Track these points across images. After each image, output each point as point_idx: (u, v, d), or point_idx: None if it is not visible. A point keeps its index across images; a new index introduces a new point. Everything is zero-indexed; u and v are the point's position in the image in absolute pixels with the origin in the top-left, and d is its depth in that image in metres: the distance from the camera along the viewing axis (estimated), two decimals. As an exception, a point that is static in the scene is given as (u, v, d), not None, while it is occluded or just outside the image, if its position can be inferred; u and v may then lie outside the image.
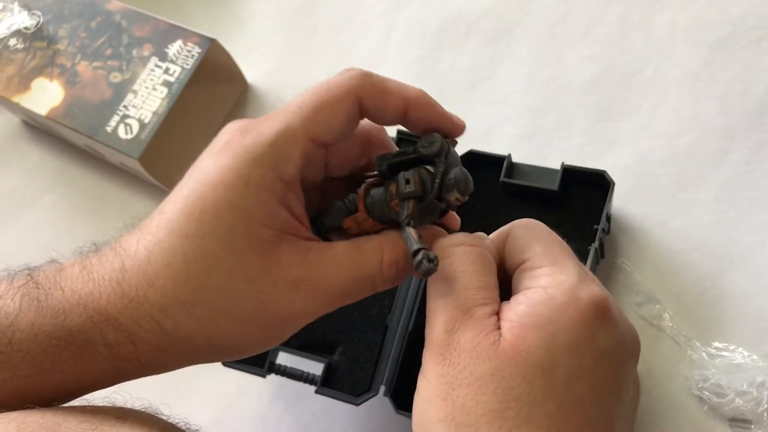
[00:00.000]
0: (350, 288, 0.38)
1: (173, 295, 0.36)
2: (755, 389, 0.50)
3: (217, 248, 0.36)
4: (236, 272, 0.36)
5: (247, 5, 0.79)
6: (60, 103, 0.69)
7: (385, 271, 0.38)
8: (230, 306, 0.36)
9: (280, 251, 0.36)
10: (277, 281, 0.36)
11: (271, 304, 0.36)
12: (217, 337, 0.37)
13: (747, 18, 0.63)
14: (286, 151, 0.37)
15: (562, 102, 0.65)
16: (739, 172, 0.59)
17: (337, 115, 0.38)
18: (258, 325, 0.37)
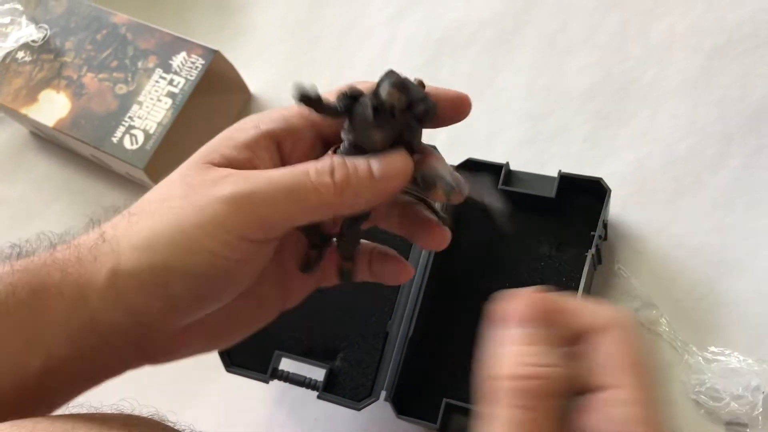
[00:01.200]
0: (282, 177, 0.36)
1: (127, 210, 0.39)
2: (750, 393, 0.50)
3: (174, 173, 0.39)
4: (176, 181, 0.38)
5: (250, 16, 0.80)
6: (67, 114, 0.70)
7: (319, 164, 0.37)
8: (161, 205, 0.37)
9: (220, 169, 0.38)
10: (206, 178, 0.37)
11: (193, 194, 0.37)
12: (156, 239, 0.36)
13: (744, 25, 0.64)
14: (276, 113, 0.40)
15: (562, 109, 0.66)
16: (737, 178, 0.59)
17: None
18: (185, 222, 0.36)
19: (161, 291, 0.37)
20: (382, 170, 0.37)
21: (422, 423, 0.53)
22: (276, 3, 0.80)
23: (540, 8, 0.71)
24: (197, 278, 0.37)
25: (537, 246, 0.57)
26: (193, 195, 0.36)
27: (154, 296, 0.37)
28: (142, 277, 0.36)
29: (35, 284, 0.37)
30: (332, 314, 0.58)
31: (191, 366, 0.63)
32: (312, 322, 0.58)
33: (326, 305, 0.59)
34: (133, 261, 0.36)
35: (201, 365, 0.62)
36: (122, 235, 0.37)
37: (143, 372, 0.54)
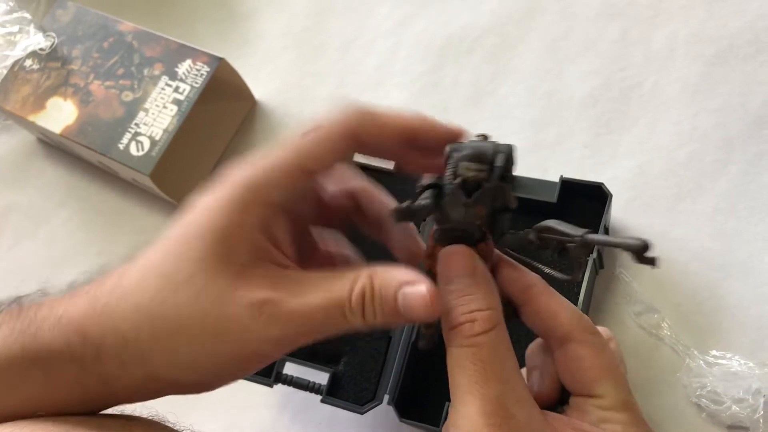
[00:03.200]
0: (319, 315, 0.35)
1: (140, 307, 0.35)
2: (751, 396, 0.50)
3: (191, 266, 0.35)
4: (203, 290, 0.35)
5: (256, 24, 0.81)
6: (74, 121, 0.71)
7: (353, 300, 0.35)
8: (189, 321, 0.35)
9: (252, 274, 0.35)
10: (241, 301, 0.35)
11: (231, 324, 0.35)
12: (175, 357, 0.36)
13: (744, 32, 0.64)
14: (273, 176, 0.36)
15: (564, 116, 0.67)
16: (738, 184, 0.59)
17: (332, 153, 0.37)
18: (215, 347, 0.35)
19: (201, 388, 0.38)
20: (406, 309, 0.36)
21: (425, 427, 0.53)
22: (281, 12, 0.81)
23: (542, 16, 0.71)
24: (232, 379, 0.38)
25: (538, 250, 0.58)
26: (234, 322, 0.35)
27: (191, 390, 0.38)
28: (180, 384, 0.37)
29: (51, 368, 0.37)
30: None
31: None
32: (315, 327, 0.59)
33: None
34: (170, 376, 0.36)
35: (205, 369, 0.63)
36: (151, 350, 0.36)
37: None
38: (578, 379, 0.37)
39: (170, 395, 0.39)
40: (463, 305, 0.36)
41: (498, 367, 0.35)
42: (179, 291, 0.35)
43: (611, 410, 0.36)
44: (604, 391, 0.36)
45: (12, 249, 0.77)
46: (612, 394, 0.36)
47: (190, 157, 0.70)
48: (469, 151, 0.36)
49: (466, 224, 0.38)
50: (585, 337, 0.37)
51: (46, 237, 0.78)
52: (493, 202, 0.37)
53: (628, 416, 0.36)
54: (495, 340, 0.36)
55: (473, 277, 0.37)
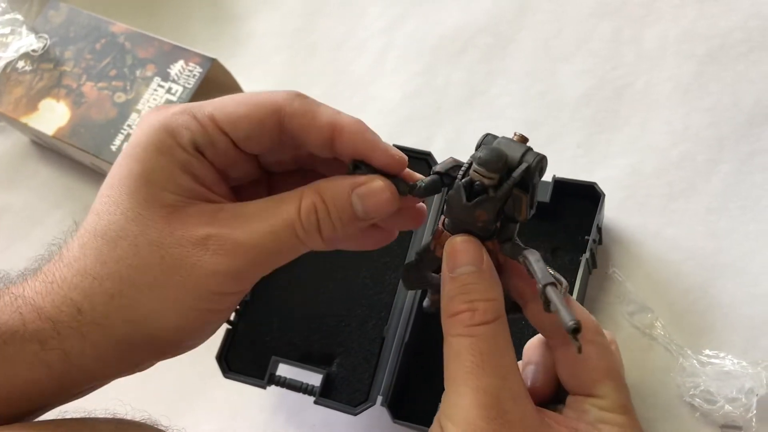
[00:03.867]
0: (269, 241, 0.34)
1: (85, 271, 0.34)
2: (744, 395, 0.50)
3: (121, 218, 0.34)
4: (139, 238, 0.34)
5: (248, 26, 0.81)
6: (66, 123, 0.71)
7: (303, 218, 0.35)
8: (136, 274, 0.34)
9: (185, 213, 0.35)
10: (182, 241, 0.34)
11: (179, 267, 0.34)
12: (132, 312, 0.35)
13: (735, 31, 0.64)
14: (184, 120, 0.35)
15: (556, 115, 0.67)
16: (730, 183, 0.59)
17: (250, 114, 0.35)
18: (171, 295, 0.34)
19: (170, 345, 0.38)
20: (366, 209, 0.36)
21: (418, 428, 0.53)
22: (273, 12, 0.80)
23: (534, 15, 0.71)
24: (201, 328, 0.37)
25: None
26: (178, 262, 0.34)
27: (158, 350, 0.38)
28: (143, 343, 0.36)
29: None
30: (329, 320, 0.59)
31: (189, 372, 0.64)
32: (309, 328, 0.59)
33: (323, 311, 0.59)
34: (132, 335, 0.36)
35: (198, 372, 0.63)
36: (107, 312, 0.35)
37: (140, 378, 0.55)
38: (580, 378, 0.37)
39: (152, 361, 0.38)
40: (465, 294, 0.35)
41: (496, 360, 0.35)
42: (117, 246, 0.34)
43: (610, 412, 0.36)
44: (605, 393, 0.36)
45: (6, 250, 0.77)
46: (612, 396, 0.36)
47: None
48: (487, 153, 0.35)
49: (467, 223, 0.37)
50: (592, 336, 0.37)
51: (40, 238, 0.77)
52: (504, 208, 0.36)
53: (626, 420, 0.36)
54: (495, 331, 0.35)
55: (479, 267, 0.36)
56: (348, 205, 0.35)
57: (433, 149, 0.61)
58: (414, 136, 0.70)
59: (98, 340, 0.35)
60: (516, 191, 0.35)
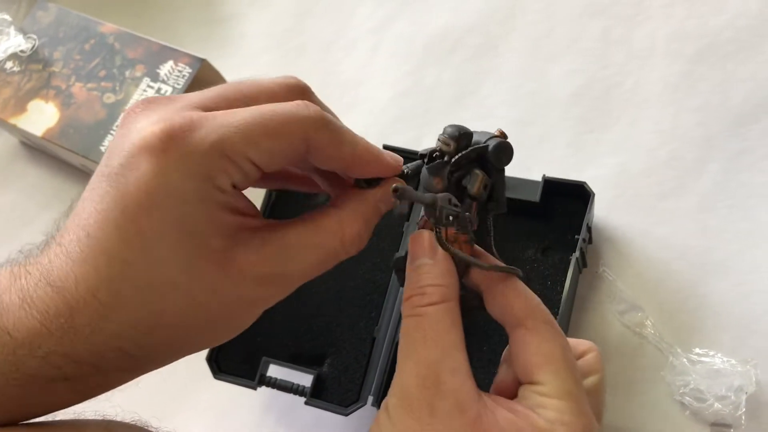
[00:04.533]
0: (315, 269, 0.37)
1: (130, 322, 0.34)
2: (734, 393, 0.51)
3: (168, 271, 0.33)
4: (194, 288, 0.34)
5: (238, 26, 0.80)
6: (55, 123, 0.71)
7: (348, 246, 0.38)
8: (194, 319, 0.35)
9: (235, 255, 0.34)
10: (238, 283, 0.35)
11: (235, 303, 0.36)
12: (187, 347, 0.38)
13: (724, 30, 0.65)
14: (222, 166, 0.33)
15: (546, 115, 0.67)
16: (719, 182, 0.60)
17: (284, 149, 0.35)
18: (223, 324, 0.37)
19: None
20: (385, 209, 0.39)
21: (409, 427, 0.53)
22: (263, 13, 0.80)
23: (524, 15, 0.71)
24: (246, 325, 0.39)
25: (522, 250, 0.58)
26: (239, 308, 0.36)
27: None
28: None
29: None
30: (320, 320, 0.59)
31: (179, 373, 0.63)
32: (300, 329, 0.59)
33: (314, 311, 0.59)
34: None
35: (189, 373, 0.62)
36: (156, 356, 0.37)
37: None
38: (522, 365, 0.38)
39: None
40: (417, 281, 0.38)
41: (439, 336, 0.36)
42: (168, 299, 0.34)
43: (549, 397, 0.36)
44: (544, 379, 0.37)
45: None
46: (551, 381, 0.36)
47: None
48: (452, 126, 0.39)
49: (431, 194, 0.39)
50: (535, 324, 0.38)
51: (29, 239, 0.77)
52: (463, 182, 0.39)
53: (566, 405, 0.36)
54: (441, 312, 0.37)
55: (432, 257, 0.38)
56: (378, 215, 0.39)
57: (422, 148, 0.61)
58: (403, 136, 0.70)
59: (146, 367, 0.37)
60: (475, 170, 0.39)
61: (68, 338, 0.33)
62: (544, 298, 0.55)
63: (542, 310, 0.39)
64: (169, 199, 0.32)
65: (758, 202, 0.58)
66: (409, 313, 0.38)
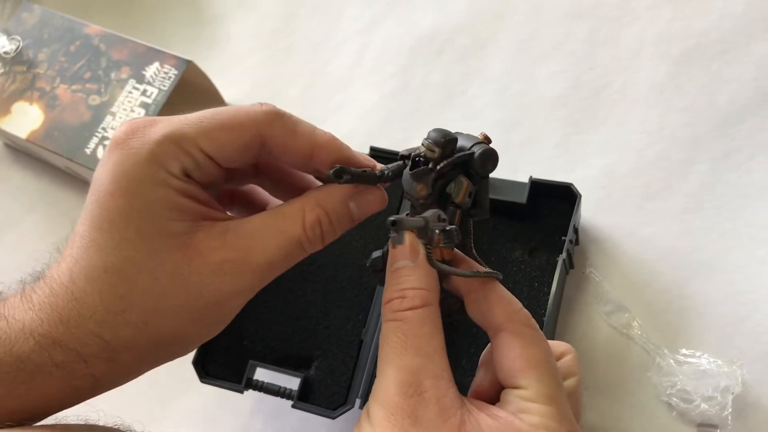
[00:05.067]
0: (278, 257, 0.37)
1: (104, 306, 0.36)
2: (720, 394, 0.51)
3: (134, 253, 0.36)
4: (158, 271, 0.36)
5: (225, 27, 0.80)
6: (40, 126, 0.70)
7: (309, 232, 0.38)
8: (161, 304, 0.36)
9: (196, 240, 0.36)
10: (201, 270, 0.36)
11: (201, 293, 0.36)
12: (158, 335, 0.37)
13: (710, 32, 0.65)
14: (172, 152, 0.36)
15: (533, 116, 0.67)
16: (705, 182, 0.60)
17: (235, 141, 0.37)
18: (194, 316, 0.37)
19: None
20: (362, 213, 0.39)
21: (397, 430, 0.53)
22: (250, 14, 0.80)
23: (511, 17, 0.71)
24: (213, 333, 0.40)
25: (509, 251, 0.58)
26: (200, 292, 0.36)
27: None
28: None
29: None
30: (307, 323, 0.58)
31: (165, 377, 0.63)
32: (287, 331, 0.59)
33: (300, 314, 0.59)
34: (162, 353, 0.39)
35: (175, 377, 0.62)
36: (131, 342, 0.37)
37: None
38: (505, 369, 0.37)
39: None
40: (398, 284, 0.38)
41: (420, 341, 0.36)
42: (136, 280, 0.36)
43: (532, 402, 0.36)
44: (527, 383, 0.36)
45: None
46: (534, 386, 0.36)
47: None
48: (437, 131, 0.38)
49: (413, 200, 0.39)
50: (518, 327, 0.38)
51: (14, 243, 0.76)
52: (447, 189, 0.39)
53: (549, 410, 0.36)
54: (422, 316, 0.37)
55: (413, 259, 0.38)
56: (347, 212, 0.39)
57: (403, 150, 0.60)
58: (391, 138, 0.69)
59: (127, 361, 0.38)
60: (460, 177, 0.39)
61: (55, 324, 0.36)
62: (531, 299, 0.55)
63: (525, 314, 0.38)
64: (128, 182, 0.36)
65: (744, 203, 0.58)
66: (389, 318, 0.37)
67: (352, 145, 0.61)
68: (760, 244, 0.57)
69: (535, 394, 0.36)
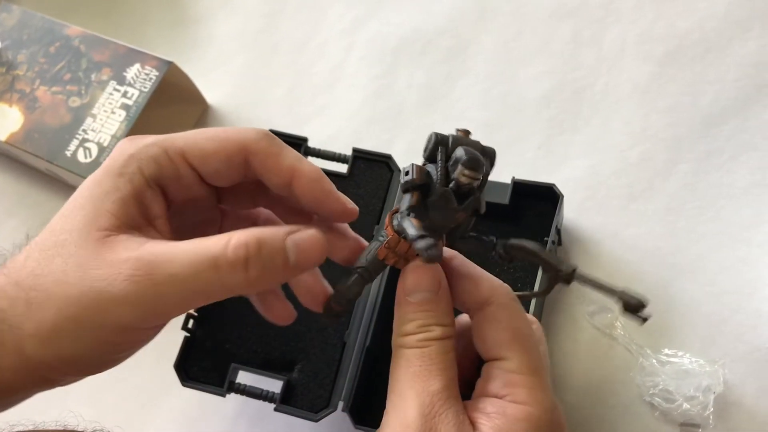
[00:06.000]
0: (186, 273, 0.34)
1: (18, 280, 0.36)
2: (702, 394, 0.51)
3: (66, 237, 0.36)
4: (72, 257, 0.35)
5: (207, 28, 0.80)
6: (19, 128, 0.70)
7: (230, 252, 0.34)
8: (57, 288, 0.35)
9: (117, 240, 0.35)
10: (102, 264, 0.34)
11: (93, 285, 0.34)
12: (43, 324, 0.35)
13: (692, 32, 0.65)
14: (154, 153, 0.37)
15: (517, 117, 0.67)
16: (688, 183, 0.60)
17: (219, 151, 0.38)
18: (77, 312, 0.34)
19: (71, 368, 0.37)
20: (298, 255, 0.35)
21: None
22: (233, 14, 0.80)
23: (495, 18, 0.71)
24: (102, 358, 0.37)
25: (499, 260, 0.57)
26: (89, 286, 0.34)
27: (63, 371, 0.37)
28: (51, 362, 0.36)
29: None
30: (289, 325, 0.58)
31: (146, 381, 0.63)
32: (269, 334, 0.58)
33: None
34: (41, 351, 0.35)
35: (156, 380, 0.62)
36: (22, 322, 0.35)
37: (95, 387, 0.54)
38: (490, 341, 0.38)
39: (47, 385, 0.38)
40: (421, 319, 0.38)
41: (444, 366, 0.37)
42: (51, 262, 0.35)
43: (518, 373, 0.37)
44: (512, 354, 0.37)
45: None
46: (521, 357, 0.37)
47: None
48: (468, 155, 0.36)
49: (442, 227, 0.38)
50: (504, 300, 0.39)
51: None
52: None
53: (534, 380, 0.37)
54: (447, 344, 0.38)
55: (436, 293, 0.39)
56: (281, 248, 0.35)
57: (394, 152, 0.60)
58: (375, 139, 0.69)
59: (10, 347, 0.35)
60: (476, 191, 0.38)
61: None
62: (515, 300, 0.55)
63: (507, 288, 0.40)
64: (102, 170, 0.37)
65: (727, 203, 0.59)
66: (411, 345, 0.38)
67: (337, 147, 0.61)
68: (742, 244, 0.57)
69: (520, 364, 0.37)
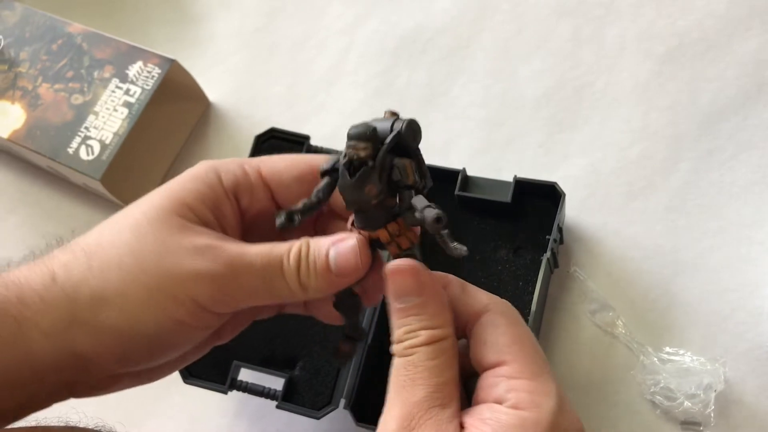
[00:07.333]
0: (257, 267, 0.38)
1: (82, 250, 0.38)
2: (703, 392, 0.51)
3: (141, 218, 0.38)
4: (149, 234, 0.37)
5: (208, 26, 0.80)
6: (22, 125, 0.70)
7: (291, 258, 0.38)
8: (127, 257, 0.37)
9: (197, 229, 0.38)
10: (182, 242, 0.37)
11: (172, 259, 0.37)
12: (103, 289, 0.36)
13: (693, 30, 0.65)
14: (234, 167, 0.41)
15: (517, 115, 0.67)
16: (688, 181, 0.60)
17: (291, 168, 0.42)
18: (155, 281, 0.37)
19: (118, 349, 0.37)
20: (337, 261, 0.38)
21: (381, 430, 0.53)
22: (234, 13, 0.80)
23: (494, 16, 0.71)
24: (160, 341, 0.38)
25: (494, 250, 0.58)
26: (167, 259, 0.37)
27: (109, 352, 0.37)
28: (102, 334, 0.37)
29: None
30: (291, 323, 0.58)
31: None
32: (271, 332, 0.58)
33: (285, 314, 0.58)
34: (94, 316, 0.36)
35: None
36: (79, 281, 0.36)
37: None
38: (491, 347, 0.37)
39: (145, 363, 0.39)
40: (407, 325, 0.38)
41: (428, 374, 0.36)
42: (122, 234, 0.38)
43: (519, 378, 0.36)
44: (513, 358, 0.37)
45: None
46: (521, 361, 0.37)
47: (142, 161, 0.69)
48: (355, 128, 0.37)
49: (364, 204, 0.38)
50: (502, 308, 0.39)
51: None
52: (393, 177, 0.37)
53: (535, 385, 0.36)
54: (435, 349, 0.37)
55: (420, 296, 0.38)
56: (325, 255, 0.38)
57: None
58: (376, 137, 0.69)
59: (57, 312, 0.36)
60: (398, 160, 0.37)
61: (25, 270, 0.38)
62: (516, 298, 0.55)
63: (504, 300, 0.40)
64: (180, 176, 0.40)
65: (727, 201, 0.59)
66: (400, 354, 0.37)
67: (336, 145, 0.61)
68: (743, 242, 0.57)
69: (521, 369, 0.36)
